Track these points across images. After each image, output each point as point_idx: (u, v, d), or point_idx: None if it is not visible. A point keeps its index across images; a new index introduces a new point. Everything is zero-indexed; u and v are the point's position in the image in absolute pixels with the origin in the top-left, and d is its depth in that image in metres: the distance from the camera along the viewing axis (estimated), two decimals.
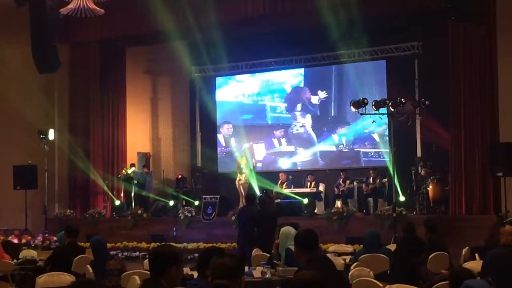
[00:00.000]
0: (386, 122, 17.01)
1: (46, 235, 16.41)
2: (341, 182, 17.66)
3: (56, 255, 9.95)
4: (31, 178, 17.77)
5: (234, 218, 15.52)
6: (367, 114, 14.09)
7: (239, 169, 18.44)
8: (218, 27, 17.15)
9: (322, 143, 19.49)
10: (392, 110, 13.78)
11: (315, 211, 17.05)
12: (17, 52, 18.08)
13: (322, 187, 18.02)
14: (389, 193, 15.92)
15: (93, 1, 13.68)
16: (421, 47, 17.37)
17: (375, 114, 14.08)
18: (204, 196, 17.82)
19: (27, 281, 9.82)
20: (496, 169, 14.08)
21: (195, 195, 18.86)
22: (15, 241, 14.91)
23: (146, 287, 4.67)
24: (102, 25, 17.70)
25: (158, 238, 16.49)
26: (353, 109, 14.31)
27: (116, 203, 18.94)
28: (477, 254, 9.23)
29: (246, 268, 8.29)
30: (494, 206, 14.65)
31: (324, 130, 19.55)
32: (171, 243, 13.07)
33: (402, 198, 15.48)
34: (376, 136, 18.67)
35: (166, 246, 4.96)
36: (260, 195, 15.80)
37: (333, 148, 19.37)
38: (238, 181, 18.28)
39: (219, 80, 20.97)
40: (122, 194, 19.24)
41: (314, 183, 17.72)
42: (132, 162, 19.44)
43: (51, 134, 17.78)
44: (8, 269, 10.31)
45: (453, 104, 15.51)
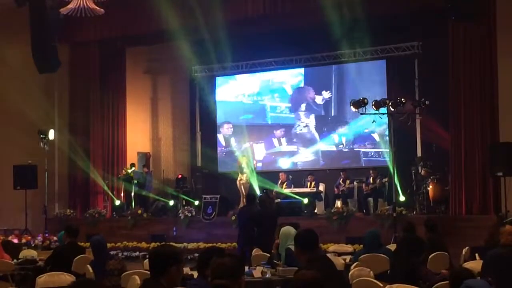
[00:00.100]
0: (386, 122, 17.03)
1: (46, 235, 16.40)
2: (341, 182, 17.65)
3: (56, 255, 9.95)
4: (31, 178, 17.76)
5: (234, 218, 15.52)
6: (367, 114, 14.09)
7: (240, 168, 18.44)
8: (218, 27, 17.14)
9: (322, 143, 19.49)
10: (392, 110, 13.79)
11: (315, 211, 17.05)
12: (17, 52, 18.07)
13: (322, 187, 18.01)
14: (389, 193, 15.92)
15: (93, 1, 13.68)
16: (421, 47, 17.36)
17: (375, 114, 14.08)
18: (204, 196, 17.81)
19: (27, 281, 9.82)
20: (496, 169, 14.07)
21: (195, 195, 18.85)
22: (15, 241, 14.89)
23: (146, 287, 4.66)
24: (102, 25, 17.71)
25: (158, 238, 16.48)
26: (353, 109, 14.31)
27: (116, 203, 18.94)
28: (477, 254, 9.23)
29: (246, 268, 8.29)
30: (494, 206, 14.65)
31: (324, 130, 19.55)
32: (171, 243, 13.08)
33: (402, 198, 15.48)
34: (376, 136, 18.65)
35: (166, 246, 4.95)
36: (260, 195, 15.80)
37: (333, 148, 19.37)
38: (239, 180, 18.27)
39: (219, 79, 20.96)
40: (122, 194, 19.24)
41: (314, 183, 17.72)
42: (132, 162, 19.43)
43: (51, 134, 17.77)
44: (8, 269, 10.31)
45: (453, 104, 15.51)
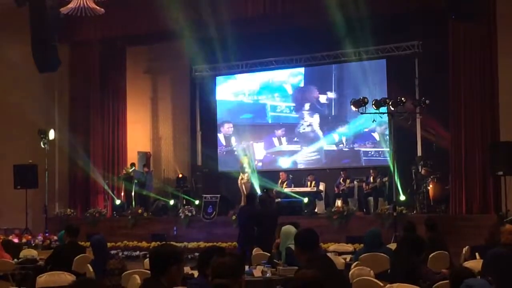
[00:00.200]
0: (387, 121, 17.03)
1: (47, 235, 16.40)
2: (341, 181, 17.66)
3: (56, 255, 9.96)
4: (32, 177, 17.75)
5: (234, 217, 15.51)
6: (368, 113, 14.09)
7: (242, 168, 18.44)
8: (219, 27, 17.15)
9: (323, 142, 19.47)
10: (392, 109, 13.79)
11: (316, 211, 17.05)
12: (17, 51, 18.05)
13: (322, 186, 18.02)
14: (389, 192, 15.92)
15: (93, 0, 13.67)
16: (421, 47, 17.35)
17: (376, 113, 14.08)
18: (204, 195, 17.80)
19: (28, 280, 9.81)
20: (496, 168, 14.07)
21: (196, 194, 18.86)
22: (16, 240, 14.89)
23: (147, 287, 4.66)
24: (102, 24, 17.70)
25: (158, 237, 16.48)
26: (353, 108, 14.30)
27: (116, 203, 18.95)
28: (477, 253, 9.22)
29: (247, 267, 8.29)
30: (494, 205, 14.66)
31: (324, 129, 19.54)
32: (172, 243, 13.09)
33: (402, 197, 15.48)
34: (376, 135, 18.65)
35: (167, 246, 4.94)
36: (260, 195, 15.80)
37: (333, 147, 19.36)
38: (240, 180, 18.28)
39: (219, 79, 20.95)
40: (123, 194, 19.24)
41: (314, 182, 17.72)
42: (132, 161, 19.44)
43: (52, 134, 17.76)
44: (8, 268, 10.31)
45: (453, 103, 15.51)
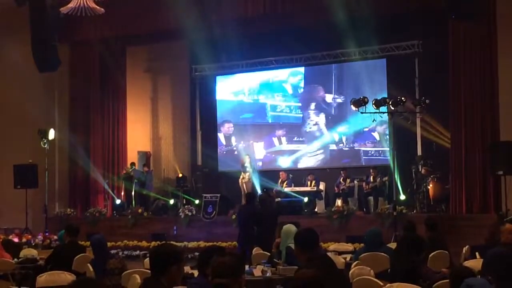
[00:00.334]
0: (387, 120, 17.04)
1: (47, 234, 16.40)
2: (341, 180, 17.65)
3: (56, 254, 9.96)
4: (32, 177, 17.75)
5: (234, 217, 15.51)
6: (368, 112, 14.09)
7: (243, 167, 18.45)
8: (219, 26, 17.16)
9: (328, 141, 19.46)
10: (392, 108, 13.78)
11: (316, 210, 17.05)
12: (17, 51, 18.05)
13: (322, 186, 18.01)
14: (389, 191, 15.92)
15: (93, 0, 13.67)
16: (421, 46, 17.35)
17: (376, 112, 14.07)
18: (204, 195, 17.79)
19: (28, 280, 9.80)
20: (496, 167, 14.07)
21: (196, 194, 18.85)
22: (16, 240, 14.89)
23: (147, 286, 4.66)
24: (102, 24, 17.71)
25: (158, 237, 16.47)
26: (353, 107, 14.30)
27: (116, 202, 18.95)
28: (477, 253, 9.22)
29: (247, 266, 8.29)
30: (494, 204, 14.66)
31: (327, 129, 19.51)
32: (172, 242, 13.09)
33: (402, 197, 15.48)
34: (376, 134, 18.64)
35: (167, 245, 4.94)
36: (260, 194, 15.80)
37: (333, 146, 19.35)
38: (241, 179, 18.28)
39: (220, 79, 20.93)
40: (123, 193, 19.24)
41: (314, 182, 17.72)
42: (132, 161, 19.44)
43: (52, 133, 17.75)
44: (8, 268, 10.31)
45: (453, 102, 15.52)
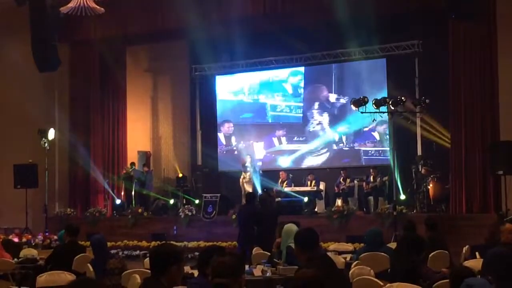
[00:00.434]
0: (387, 120, 17.03)
1: (47, 234, 16.39)
2: (341, 180, 17.65)
3: (56, 254, 9.95)
4: (32, 177, 17.74)
5: (234, 216, 15.52)
6: (368, 112, 14.08)
7: (244, 167, 18.45)
8: (218, 26, 17.16)
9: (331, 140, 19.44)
10: (392, 108, 13.78)
11: (316, 210, 17.05)
12: (17, 51, 18.06)
13: (322, 186, 18.01)
14: (389, 191, 15.91)
15: (93, 0, 13.67)
16: (421, 46, 17.35)
17: (376, 112, 14.07)
18: (204, 194, 17.79)
19: (28, 280, 9.80)
20: (496, 167, 14.07)
21: (196, 194, 18.85)
22: (16, 240, 14.88)
23: (147, 286, 4.66)
24: (102, 24, 17.70)
25: (158, 237, 16.47)
26: (353, 107, 14.30)
27: (116, 202, 18.95)
28: (477, 253, 9.21)
29: (247, 266, 8.29)
30: (494, 204, 14.66)
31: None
32: (172, 242, 13.11)
33: (402, 197, 15.48)
34: (376, 134, 18.65)
35: (167, 245, 4.94)
36: (260, 194, 15.80)
37: (333, 146, 19.34)
38: (242, 179, 18.28)
39: (220, 78, 20.93)
40: (123, 193, 19.24)
41: (314, 182, 17.71)
42: (132, 161, 19.44)
43: (52, 133, 17.75)
44: (8, 268, 10.31)
45: (453, 102, 15.51)
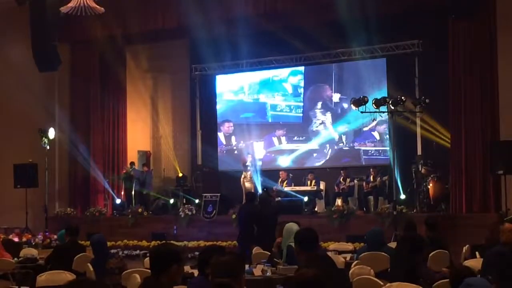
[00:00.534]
0: (387, 120, 17.04)
1: (47, 234, 16.38)
2: (341, 180, 17.65)
3: (56, 254, 9.95)
4: (32, 176, 17.75)
5: (234, 216, 15.52)
6: (368, 112, 14.08)
7: (245, 167, 18.45)
8: (218, 26, 17.15)
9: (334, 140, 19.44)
10: (392, 108, 13.78)
11: (316, 209, 17.05)
12: (17, 51, 18.06)
13: (322, 185, 18.00)
14: (389, 191, 15.90)
15: None
16: (421, 46, 17.33)
17: (376, 112, 14.08)
18: (204, 194, 17.78)
19: (28, 279, 9.80)
20: (496, 167, 14.08)
21: (196, 194, 18.84)
22: (16, 239, 14.89)
23: (147, 286, 4.66)
24: (102, 23, 17.67)
25: (158, 236, 16.48)
26: (353, 107, 14.30)
27: (116, 202, 18.95)
28: (477, 252, 9.22)
29: (247, 266, 8.29)
30: (494, 204, 14.67)
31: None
32: (172, 242, 13.13)
33: (402, 196, 15.47)
34: (376, 134, 18.65)
35: (167, 245, 4.95)
36: (260, 193, 15.80)
37: (334, 146, 19.34)
38: (243, 178, 18.28)
39: (220, 78, 20.93)
40: (123, 193, 19.25)
41: (314, 181, 17.71)
42: (132, 160, 19.44)
43: (52, 133, 17.76)
44: (8, 267, 10.32)
45: (453, 102, 15.51)
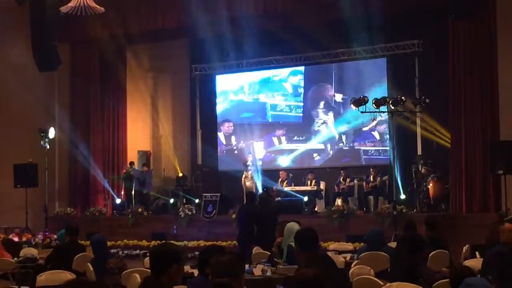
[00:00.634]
0: (387, 120, 17.04)
1: (47, 233, 16.38)
2: (341, 180, 17.65)
3: (56, 253, 9.95)
4: (32, 176, 17.75)
5: (234, 216, 15.52)
6: (368, 112, 14.08)
7: (246, 166, 18.45)
8: (219, 25, 17.15)
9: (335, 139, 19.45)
10: (392, 108, 13.78)
11: (316, 209, 17.05)
12: (18, 50, 18.06)
13: (322, 185, 18.00)
14: (389, 191, 15.90)
15: None
16: (421, 46, 17.33)
17: (376, 112, 14.07)
18: (204, 194, 17.78)
19: (28, 279, 9.81)
20: (496, 167, 14.08)
21: (196, 193, 18.84)
22: (16, 239, 14.88)
23: (147, 285, 4.66)
24: (102, 23, 17.66)
25: (158, 236, 16.47)
26: (353, 107, 14.30)
27: (116, 201, 18.95)
28: (477, 252, 9.22)
29: (247, 266, 8.29)
30: (494, 204, 14.67)
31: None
32: (172, 241, 13.12)
33: (402, 196, 15.47)
34: (376, 134, 18.65)
35: (167, 245, 4.95)
36: (260, 193, 15.80)
37: (334, 146, 19.34)
38: (244, 178, 18.28)
39: (220, 78, 20.93)
40: (123, 192, 19.25)
41: (314, 181, 17.71)
42: (132, 160, 19.44)
43: (52, 132, 17.75)
44: (8, 267, 10.33)
45: (453, 102, 15.51)
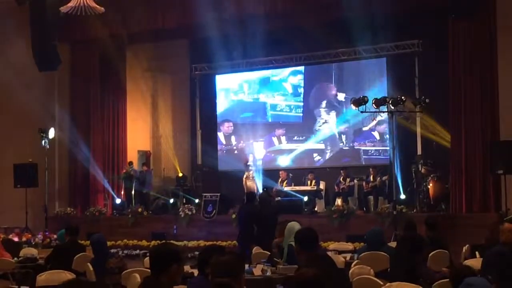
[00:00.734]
0: (387, 120, 17.03)
1: (47, 233, 16.38)
2: (341, 180, 17.65)
3: (56, 253, 9.96)
4: (32, 176, 17.74)
5: (234, 216, 15.52)
6: (368, 112, 14.07)
7: (246, 166, 18.46)
8: (219, 25, 17.15)
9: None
10: (392, 108, 13.78)
11: (316, 209, 17.05)
12: (18, 50, 18.06)
13: (322, 185, 18.00)
14: (389, 191, 15.89)
15: None
16: (421, 46, 17.33)
17: (376, 112, 14.07)
18: (204, 194, 17.78)
19: (28, 279, 9.80)
20: (496, 167, 14.08)
21: (196, 193, 18.85)
22: (16, 239, 14.89)
23: (147, 285, 4.67)
24: (102, 23, 17.66)
25: (158, 236, 16.47)
26: (353, 107, 14.29)
27: (116, 201, 18.95)
28: (477, 252, 9.22)
29: (247, 266, 8.29)
30: (494, 204, 14.67)
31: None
32: (172, 241, 13.12)
33: (402, 196, 15.48)
34: (376, 134, 18.66)
35: (167, 245, 4.95)
36: (260, 193, 15.81)
37: (334, 145, 19.34)
38: (245, 177, 18.29)
39: (220, 78, 20.93)
40: (123, 192, 19.25)
41: (314, 181, 17.71)
42: (131, 160, 19.44)
43: (52, 132, 17.75)
44: (8, 267, 10.32)
45: (453, 102, 15.51)
